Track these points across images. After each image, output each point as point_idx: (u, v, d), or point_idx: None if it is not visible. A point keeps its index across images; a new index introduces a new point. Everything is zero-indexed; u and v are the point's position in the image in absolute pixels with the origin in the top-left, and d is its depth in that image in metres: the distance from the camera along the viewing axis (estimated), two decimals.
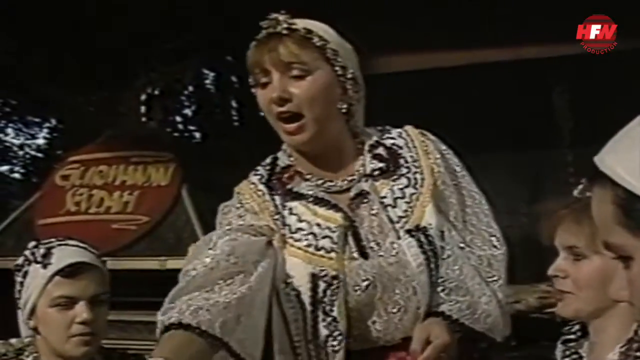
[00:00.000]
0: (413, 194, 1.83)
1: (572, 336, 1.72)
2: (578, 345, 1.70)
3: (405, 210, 1.81)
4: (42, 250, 1.96)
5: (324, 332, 1.77)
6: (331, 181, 1.85)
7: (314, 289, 1.77)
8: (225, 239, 1.76)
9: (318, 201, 1.83)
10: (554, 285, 1.68)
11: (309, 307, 1.78)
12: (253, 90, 1.84)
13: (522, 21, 4.01)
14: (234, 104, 8.16)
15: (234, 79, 8.05)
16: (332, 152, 1.84)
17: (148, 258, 3.93)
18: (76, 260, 1.95)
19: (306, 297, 1.78)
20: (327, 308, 1.76)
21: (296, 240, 1.81)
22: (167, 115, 5.65)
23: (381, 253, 1.78)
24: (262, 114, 1.83)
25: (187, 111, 8.40)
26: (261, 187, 1.86)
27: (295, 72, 1.76)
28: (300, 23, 1.80)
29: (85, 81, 5.08)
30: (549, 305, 3.51)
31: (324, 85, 1.78)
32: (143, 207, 4.20)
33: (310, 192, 1.84)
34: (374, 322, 1.78)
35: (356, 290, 1.76)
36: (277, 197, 1.84)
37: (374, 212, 1.81)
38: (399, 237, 1.79)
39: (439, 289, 1.78)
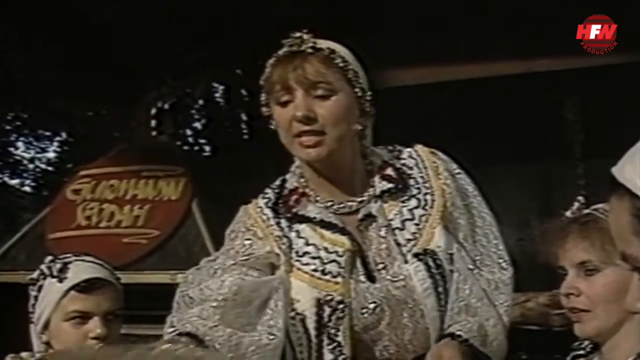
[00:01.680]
0: (422, 215, 1.82)
1: (582, 352, 1.71)
2: None
3: (414, 233, 1.81)
4: (58, 265, 1.96)
5: (328, 357, 1.77)
6: (340, 202, 1.84)
7: (319, 313, 1.77)
8: (232, 278, 1.78)
9: (325, 225, 1.82)
10: (566, 305, 1.66)
11: (313, 332, 1.77)
12: (265, 109, 1.83)
13: (533, 34, 4.01)
14: (243, 117, 8.19)
15: (243, 92, 8.08)
16: (343, 173, 1.83)
17: (159, 272, 3.93)
18: (92, 276, 1.96)
19: (311, 322, 1.78)
20: (332, 332, 1.76)
21: (303, 264, 1.80)
22: (178, 129, 5.67)
23: (388, 277, 1.78)
24: (272, 127, 1.82)
25: (197, 125, 8.42)
26: (267, 211, 1.86)
27: (319, 92, 1.76)
28: (323, 43, 1.80)
29: (96, 95, 5.11)
30: (531, 319, 3.52)
31: (346, 106, 1.78)
32: (154, 221, 4.21)
33: (318, 216, 1.82)
34: (386, 347, 1.78)
35: (363, 314, 1.76)
36: (283, 221, 1.84)
37: (382, 234, 1.80)
38: (406, 261, 1.78)
39: (449, 307, 1.78)
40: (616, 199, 0.93)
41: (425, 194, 1.85)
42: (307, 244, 1.81)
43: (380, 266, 1.79)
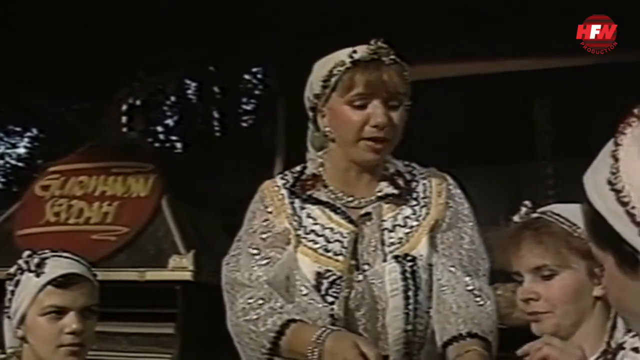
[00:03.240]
0: (414, 225, 1.93)
1: None
2: None
3: (401, 238, 1.91)
4: (36, 260, 1.96)
5: None
6: (350, 196, 1.96)
7: (318, 287, 1.87)
8: (262, 270, 1.90)
9: (335, 209, 1.94)
10: (526, 310, 1.67)
11: None
12: (315, 100, 1.94)
13: (504, 35, 4.01)
14: (215, 114, 8.14)
15: (216, 89, 8.04)
16: (366, 173, 1.97)
17: (127, 269, 3.88)
18: (69, 271, 1.95)
19: None
20: (329, 306, 1.84)
21: (309, 241, 1.92)
22: (149, 126, 5.62)
23: (369, 272, 1.88)
24: (311, 121, 1.94)
25: (169, 121, 8.36)
26: (283, 191, 1.98)
27: (394, 102, 1.90)
28: (394, 54, 1.92)
29: (68, 91, 5.05)
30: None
31: (404, 116, 1.94)
32: (123, 218, 4.17)
33: (329, 201, 1.95)
34: (360, 333, 1.85)
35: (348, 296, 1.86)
36: (297, 201, 1.96)
37: (374, 233, 1.91)
38: (385, 260, 1.88)
39: (443, 316, 1.86)
40: (584, 203, 0.97)
41: (422, 207, 1.96)
42: (315, 224, 1.93)
43: (367, 259, 1.89)
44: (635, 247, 0.89)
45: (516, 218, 1.70)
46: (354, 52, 1.90)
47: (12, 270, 1.99)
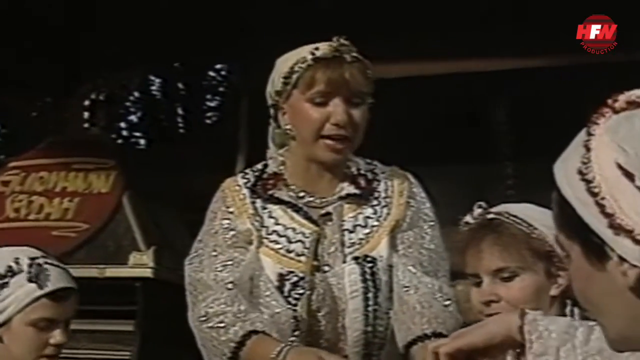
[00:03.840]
0: (374, 225, 1.92)
1: None
2: None
3: (361, 239, 1.91)
4: (34, 268, 1.92)
5: None
6: (311, 196, 1.95)
7: (280, 288, 1.86)
8: (227, 271, 1.88)
9: (296, 208, 1.93)
10: (486, 312, 1.66)
11: None
12: (276, 97, 1.93)
13: (463, 34, 4.02)
14: (180, 111, 8.09)
15: (180, 85, 7.98)
16: (327, 172, 1.95)
17: (87, 266, 3.83)
18: (67, 286, 1.95)
19: None
20: (292, 307, 1.84)
21: (271, 242, 1.91)
22: (112, 122, 5.55)
23: (329, 274, 1.88)
24: (272, 117, 1.94)
25: (133, 117, 8.29)
26: (245, 190, 1.96)
27: (355, 100, 1.89)
28: (356, 52, 1.91)
29: (30, 86, 4.97)
30: None
31: (366, 115, 1.93)
32: (83, 215, 4.12)
33: (290, 200, 1.94)
34: (323, 334, 1.87)
35: (311, 296, 1.87)
36: (258, 201, 1.95)
37: (335, 233, 1.91)
38: (344, 261, 1.87)
39: (407, 316, 1.85)
40: (554, 191, 0.97)
41: (383, 207, 1.95)
42: (277, 224, 1.92)
43: (327, 262, 1.90)
44: (603, 239, 0.88)
45: (469, 219, 1.70)
46: (316, 49, 1.89)
47: (1, 270, 1.94)
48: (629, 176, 0.87)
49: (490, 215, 1.68)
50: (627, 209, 0.87)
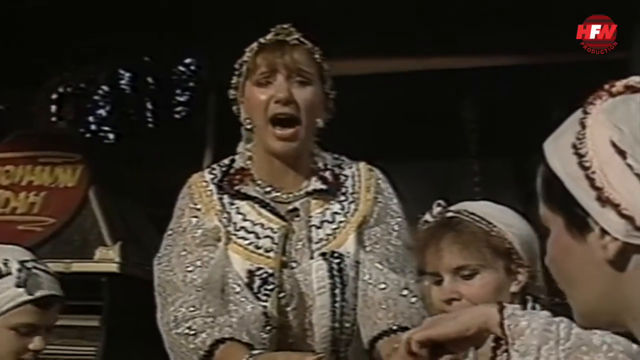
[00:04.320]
0: (342, 221, 1.91)
1: None
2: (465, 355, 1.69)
3: (329, 235, 1.89)
4: (24, 273, 1.87)
5: None
6: (278, 191, 1.93)
7: (250, 284, 1.84)
8: (197, 271, 1.85)
9: (264, 204, 1.91)
10: (448, 310, 1.66)
11: None
12: (233, 92, 1.94)
13: (433, 33, 4.03)
14: (149, 105, 8.02)
15: (150, 80, 7.91)
16: (293, 166, 1.93)
17: (53, 260, 3.76)
18: (54, 293, 1.92)
19: None
20: (262, 303, 1.83)
21: (239, 238, 1.88)
22: (79, 115, 5.49)
23: (297, 270, 1.86)
24: (237, 111, 1.93)
25: (102, 111, 8.21)
26: (212, 186, 1.93)
27: (299, 79, 1.88)
28: (299, 36, 1.93)
29: None
30: None
31: (318, 99, 1.91)
32: (49, 209, 4.07)
33: (257, 196, 1.92)
34: (291, 330, 1.86)
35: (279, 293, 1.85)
36: (225, 197, 1.92)
37: (302, 229, 1.89)
38: (312, 257, 1.86)
39: (373, 311, 1.85)
40: (542, 163, 1.00)
41: (351, 202, 1.93)
42: (245, 220, 1.90)
43: (294, 258, 1.88)
44: (588, 211, 0.91)
45: (428, 217, 1.70)
46: (264, 38, 1.92)
47: None
48: (622, 153, 0.89)
49: (450, 214, 1.69)
50: (615, 184, 0.90)
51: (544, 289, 1.69)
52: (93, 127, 7.89)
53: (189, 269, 1.87)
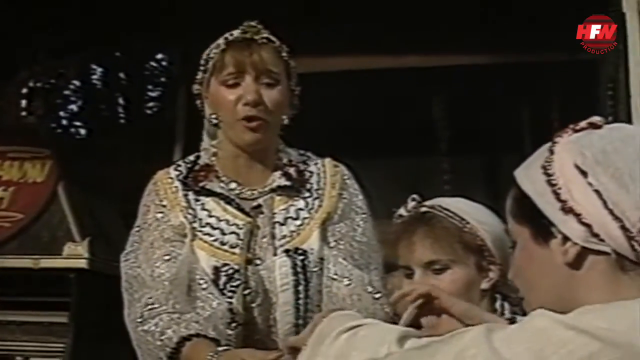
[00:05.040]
0: (306, 217, 1.91)
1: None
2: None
3: (292, 231, 1.89)
4: None
5: None
6: (242, 188, 1.92)
7: (215, 281, 1.83)
8: (165, 266, 1.84)
9: (228, 200, 1.91)
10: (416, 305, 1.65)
11: None
12: (197, 87, 1.94)
13: (404, 30, 4.02)
14: (120, 101, 7.96)
15: (122, 75, 7.84)
16: (258, 162, 1.93)
17: (21, 256, 3.73)
18: None
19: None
20: (228, 300, 1.82)
21: (204, 234, 1.88)
22: (50, 110, 5.42)
23: (261, 267, 1.86)
24: (200, 106, 1.93)
25: (73, 107, 8.13)
26: (177, 183, 1.93)
27: (267, 80, 1.88)
28: (267, 34, 1.92)
29: None
30: None
31: (285, 97, 1.91)
32: (18, 204, 4.00)
33: (222, 192, 1.92)
34: (257, 327, 1.85)
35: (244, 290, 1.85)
36: (190, 193, 1.92)
37: (266, 226, 1.89)
38: (275, 254, 1.86)
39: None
40: (512, 187, 1.17)
41: (315, 199, 1.93)
42: (210, 216, 1.90)
43: (259, 254, 1.87)
44: (552, 221, 1.08)
45: (402, 211, 1.70)
46: (231, 34, 1.89)
47: None
48: (583, 173, 1.07)
49: (424, 209, 1.69)
50: (578, 198, 1.06)
51: (514, 288, 1.69)
52: (64, 122, 7.81)
53: (157, 263, 1.86)
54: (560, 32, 3.64)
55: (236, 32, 1.90)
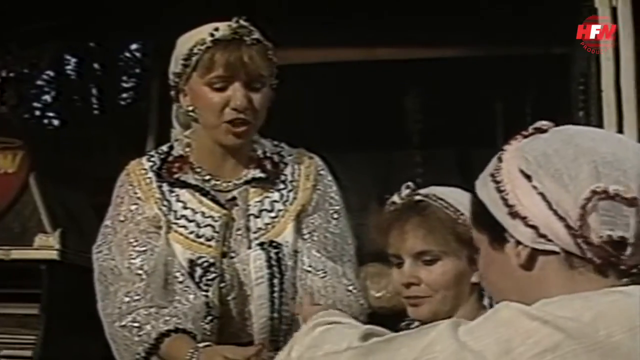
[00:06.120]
0: (280, 210, 1.90)
1: None
2: None
3: (267, 224, 1.88)
4: None
5: None
6: (217, 180, 1.90)
7: (191, 274, 1.82)
8: (141, 258, 1.83)
9: (204, 192, 1.89)
10: (405, 294, 1.64)
11: None
12: (176, 79, 1.89)
13: (377, 22, 4.01)
14: (94, 91, 7.91)
15: (96, 66, 7.79)
16: (232, 155, 1.91)
17: None
18: None
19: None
20: (204, 292, 1.82)
21: (180, 227, 1.86)
22: (22, 100, 5.35)
23: (236, 260, 1.85)
24: (175, 100, 1.91)
25: (46, 97, 8.06)
26: (150, 174, 1.90)
27: (255, 85, 1.85)
28: (257, 34, 1.87)
29: None
30: None
31: (268, 97, 1.90)
32: None
33: (197, 184, 1.90)
34: (233, 319, 1.85)
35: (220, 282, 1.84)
36: (164, 185, 1.90)
37: (240, 218, 1.87)
38: (250, 247, 1.85)
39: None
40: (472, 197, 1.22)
41: (290, 190, 1.92)
42: (185, 208, 1.88)
43: (234, 247, 1.87)
44: (504, 226, 1.12)
45: (396, 199, 1.66)
46: (216, 29, 1.83)
47: None
48: (528, 177, 1.11)
49: (418, 197, 1.65)
50: (524, 202, 1.10)
51: None
52: (37, 112, 7.75)
53: (133, 256, 1.83)
54: (533, 26, 3.64)
55: (224, 30, 1.83)
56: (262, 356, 1.69)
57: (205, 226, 1.86)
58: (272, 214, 1.89)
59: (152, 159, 1.95)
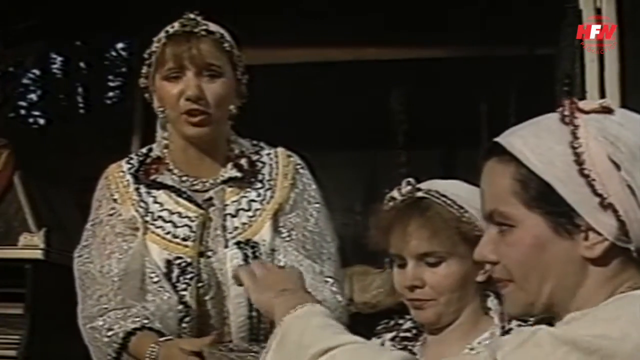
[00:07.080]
0: (258, 209, 1.89)
1: (408, 334, 1.64)
2: (410, 342, 1.64)
3: (244, 223, 1.87)
4: None
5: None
6: (195, 180, 1.90)
7: (168, 274, 1.82)
8: (115, 261, 1.83)
9: (180, 193, 1.89)
10: (409, 296, 1.57)
11: None
12: (144, 80, 1.91)
13: (361, 22, 4.00)
14: (80, 90, 7.88)
15: (82, 65, 7.75)
16: (208, 153, 1.91)
17: None
18: None
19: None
20: (181, 293, 1.81)
21: (157, 227, 1.86)
22: (8, 99, 5.33)
23: (213, 260, 1.84)
24: (149, 99, 1.90)
25: (32, 96, 8.02)
26: (128, 177, 1.91)
27: (209, 73, 1.85)
28: (213, 26, 1.87)
29: None
30: None
31: (229, 88, 1.88)
32: None
33: (174, 184, 1.90)
34: (210, 319, 1.84)
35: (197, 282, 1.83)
36: (142, 187, 1.90)
37: (217, 218, 1.87)
38: (226, 247, 1.84)
39: None
40: (499, 163, 1.08)
41: (267, 189, 1.91)
42: (162, 209, 1.88)
43: (211, 247, 1.85)
44: (579, 212, 1.01)
45: (396, 194, 1.57)
46: (172, 27, 1.86)
47: None
48: (617, 167, 1.02)
49: (419, 194, 1.56)
50: (613, 193, 1.01)
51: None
52: (22, 111, 7.71)
53: (108, 259, 1.84)
54: (518, 27, 3.65)
55: (176, 25, 1.87)
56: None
57: (182, 226, 1.86)
58: (250, 213, 1.89)
59: (131, 161, 1.96)
